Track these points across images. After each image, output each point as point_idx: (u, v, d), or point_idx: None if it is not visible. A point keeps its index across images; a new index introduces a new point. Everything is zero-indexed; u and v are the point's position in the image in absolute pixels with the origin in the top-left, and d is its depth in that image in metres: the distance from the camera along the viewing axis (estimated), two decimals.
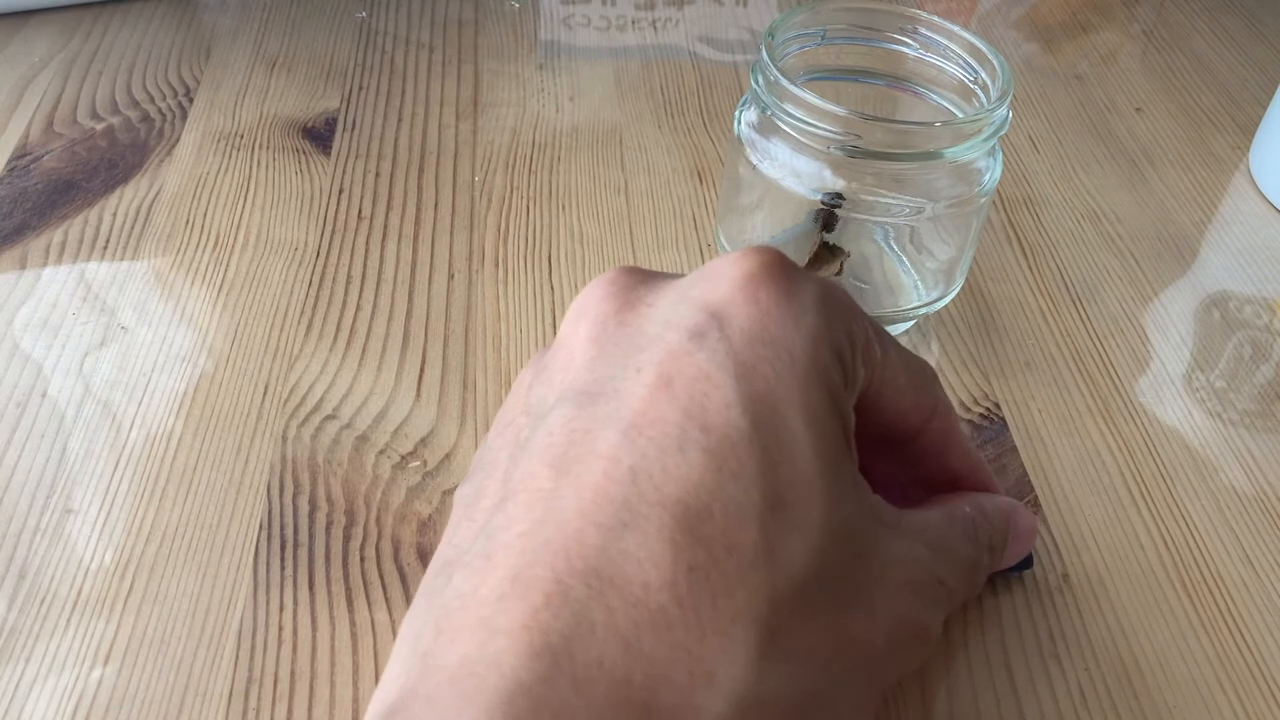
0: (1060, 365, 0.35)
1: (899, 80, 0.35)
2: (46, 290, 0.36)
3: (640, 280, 0.23)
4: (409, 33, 0.50)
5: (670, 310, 0.21)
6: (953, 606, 0.24)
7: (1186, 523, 0.31)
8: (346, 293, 0.36)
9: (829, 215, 0.32)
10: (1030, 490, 0.31)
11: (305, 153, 0.42)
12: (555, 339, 0.23)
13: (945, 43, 0.34)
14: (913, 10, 0.34)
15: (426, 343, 0.35)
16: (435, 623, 0.19)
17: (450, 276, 0.37)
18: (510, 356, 0.34)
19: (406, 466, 0.31)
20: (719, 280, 0.21)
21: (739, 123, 0.34)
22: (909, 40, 0.34)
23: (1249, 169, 0.45)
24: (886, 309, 0.34)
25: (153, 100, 0.45)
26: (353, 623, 0.27)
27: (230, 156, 0.42)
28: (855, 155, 0.30)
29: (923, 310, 0.35)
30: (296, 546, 0.28)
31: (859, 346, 0.22)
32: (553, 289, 0.37)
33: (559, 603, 0.18)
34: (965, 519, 0.24)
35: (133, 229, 0.38)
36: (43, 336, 0.34)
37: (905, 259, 0.35)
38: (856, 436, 0.22)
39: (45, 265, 0.36)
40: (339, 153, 0.42)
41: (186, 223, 0.39)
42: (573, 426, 0.20)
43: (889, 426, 0.24)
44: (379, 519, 0.29)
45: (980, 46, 0.33)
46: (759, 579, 0.18)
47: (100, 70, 0.46)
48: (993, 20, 0.55)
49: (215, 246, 0.38)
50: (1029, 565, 0.29)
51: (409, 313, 0.36)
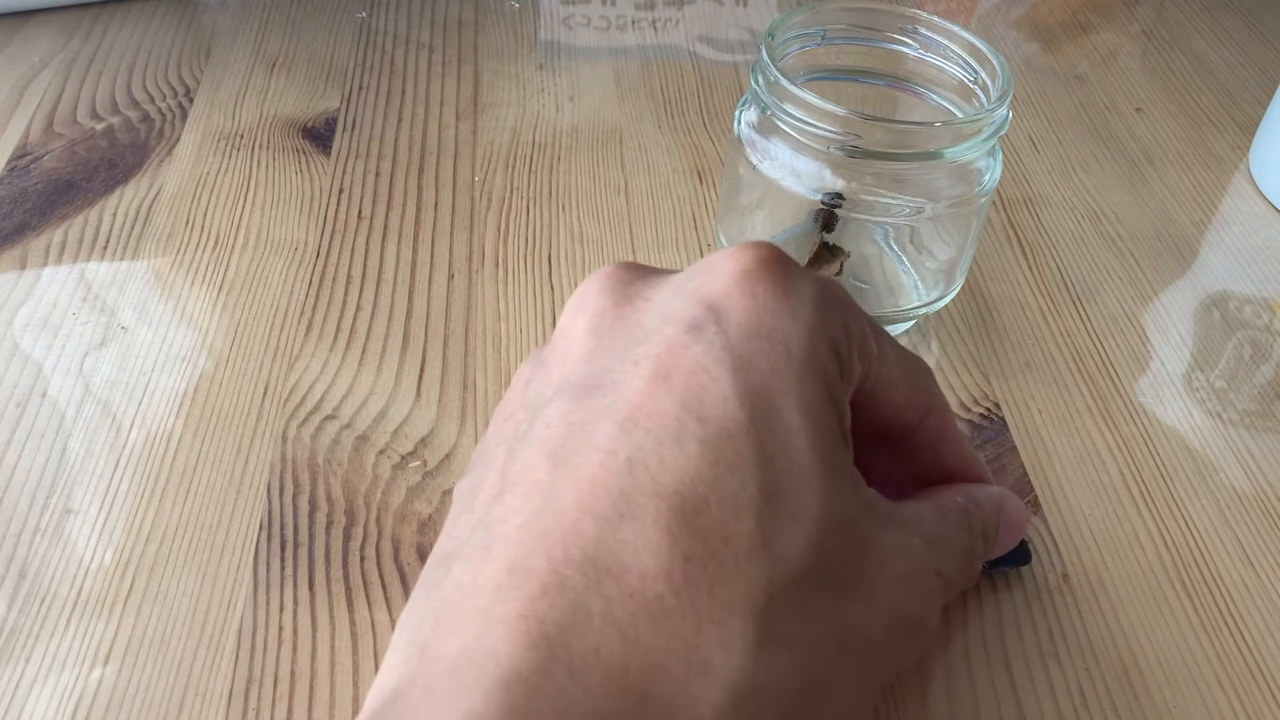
0: (1060, 365, 0.35)
1: (899, 80, 0.35)
2: (46, 290, 0.36)
3: (638, 275, 0.23)
4: (409, 33, 0.50)
5: (668, 304, 0.21)
6: (949, 596, 0.24)
7: (1186, 523, 0.31)
8: (346, 293, 0.36)
9: (829, 215, 0.32)
10: (1030, 490, 0.31)
11: (305, 153, 0.42)
12: (553, 333, 0.23)
13: (945, 43, 0.34)
14: (913, 10, 0.34)
15: (426, 343, 0.35)
16: (433, 614, 0.19)
17: (450, 276, 0.37)
18: (510, 356, 0.34)
19: (406, 466, 0.31)
20: (716, 274, 0.21)
21: (739, 123, 0.34)
22: (909, 40, 0.34)
23: (1249, 169, 0.45)
24: (886, 309, 0.34)
25: (153, 100, 0.45)
26: (353, 623, 0.27)
27: (230, 156, 0.42)
28: (855, 155, 0.30)
29: (923, 310, 0.35)
30: (296, 546, 0.28)
31: (855, 341, 0.22)
32: (553, 289, 0.37)
33: (556, 592, 0.18)
34: (958, 509, 0.24)
35: (133, 229, 0.38)
36: (43, 336, 0.34)
37: (905, 259, 0.35)
38: (853, 433, 0.22)
39: (45, 265, 0.36)
40: (339, 153, 0.42)
41: (186, 223, 0.39)
42: (570, 419, 0.20)
43: (885, 423, 0.24)
44: (379, 519, 0.29)
45: (980, 46, 0.33)
46: (755, 569, 0.19)
47: (100, 70, 0.46)
48: (993, 20, 0.55)
49: (215, 246, 0.38)
50: (1028, 560, 0.29)
51: (409, 313, 0.36)
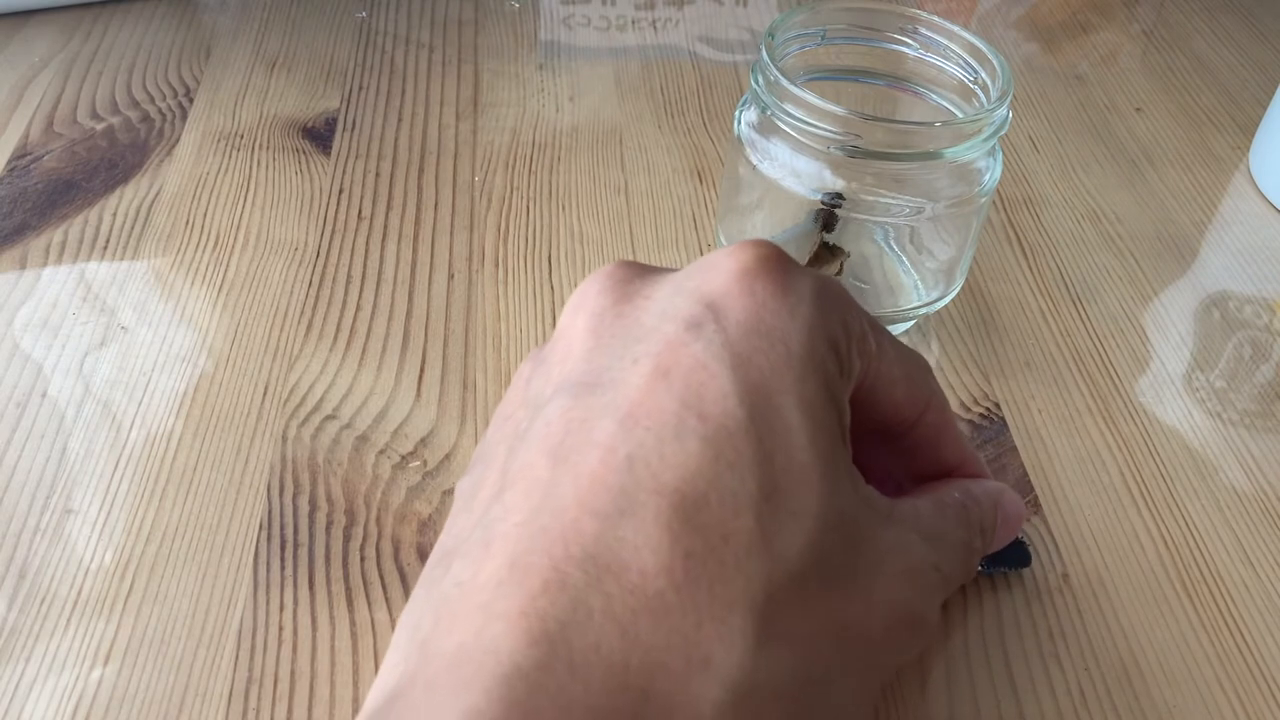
0: (1060, 365, 0.35)
1: (899, 80, 0.35)
2: (46, 290, 0.36)
3: (638, 273, 0.23)
4: (409, 33, 0.50)
5: (667, 302, 0.21)
6: (948, 592, 0.24)
7: (1186, 523, 0.31)
8: (346, 293, 0.36)
9: (829, 215, 0.32)
10: (1030, 490, 0.31)
11: (305, 153, 0.42)
12: (554, 332, 0.23)
13: (945, 43, 0.34)
14: (913, 10, 0.34)
15: (426, 343, 0.35)
16: (434, 611, 0.19)
17: (450, 276, 0.37)
18: (510, 356, 0.34)
19: (406, 466, 0.31)
20: (715, 272, 0.21)
21: (739, 123, 0.34)
22: (909, 40, 0.34)
23: (1249, 169, 0.45)
24: (886, 309, 0.34)
25: (153, 100, 0.45)
26: (353, 623, 0.27)
27: (230, 156, 0.42)
28: (855, 155, 0.30)
29: (923, 310, 0.35)
30: (296, 546, 0.28)
31: (854, 338, 0.22)
32: (553, 289, 0.37)
33: (556, 589, 0.18)
34: (955, 504, 0.24)
35: (133, 229, 0.38)
36: (43, 336, 0.34)
37: (905, 259, 0.35)
38: (852, 430, 0.22)
39: (45, 265, 0.36)
40: (339, 153, 0.42)
41: (186, 223, 0.39)
42: (570, 416, 0.20)
43: (884, 419, 0.24)
44: (379, 519, 0.29)
45: (980, 46, 0.33)
46: (755, 566, 0.19)
47: (100, 70, 0.46)
48: (993, 20, 0.55)
49: (215, 246, 0.38)
50: (1028, 563, 0.29)
51: (409, 313, 0.36)
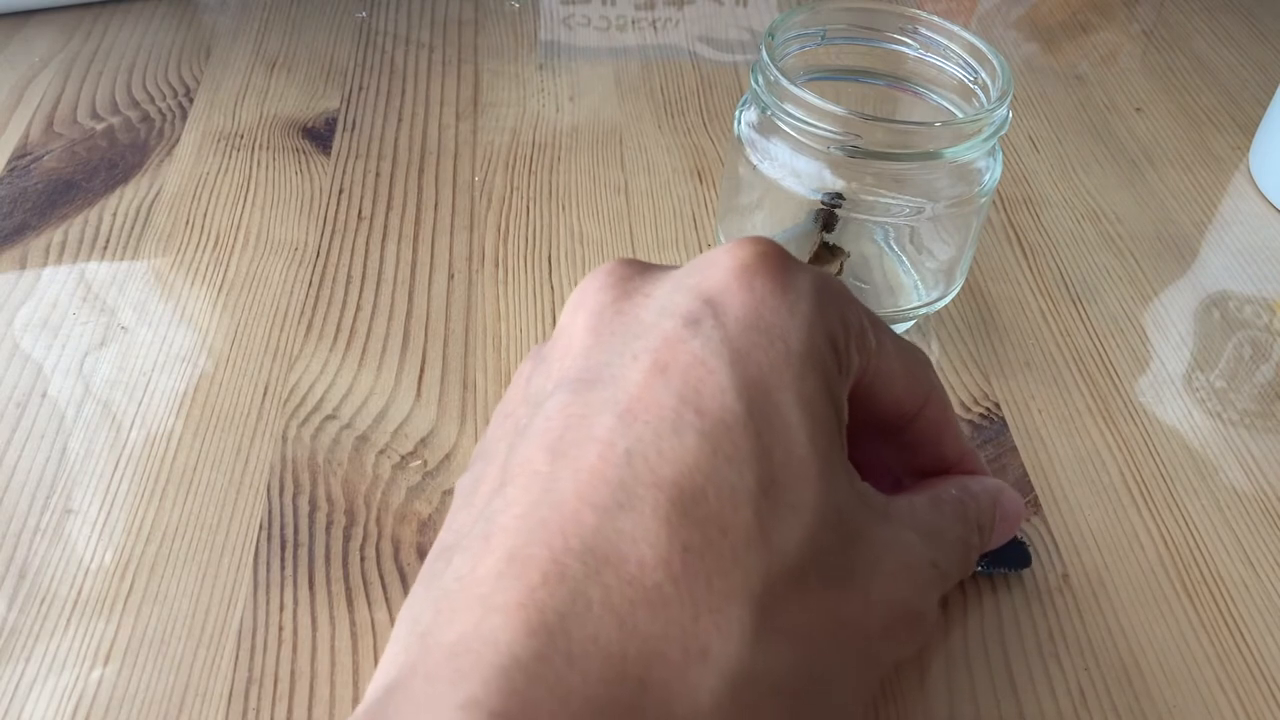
0: (1060, 365, 0.35)
1: (899, 80, 0.35)
2: (46, 290, 0.36)
3: (638, 271, 0.23)
4: (409, 33, 0.50)
5: (667, 299, 0.21)
6: (946, 588, 0.24)
7: (1186, 523, 0.31)
8: (346, 293, 0.36)
9: (829, 215, 0.32)
10: (1030, 490, 0.31)
11: (305, 153, 0.42)
12: (554, 330, 0.23)
13: (945, 43, 0.34)
14: (913, 10, 0.34)
15: (426, 343, 0.35)
16: (433, 603, 0.19)
17: (450, 276, 0.37)
18: (510, 356, 0.34)
19: (406, 466, 0.31)
20: (714, 269, 0.21)
21: (739, 123, 0.34)
22: (909, 40, 0.34)
23: (1249, 169, 0.45)
24: (886, 309, 0.34)
25: (153, 100, 0.45)
26: (353, 623, 0.27)
27: (230, 156, 0.42)
28: (855, 155, 0.30)
29: (923, 310, 0.35)
30: (296, 546, 0.28)
31: (853, 334, 0.22)
32: (553, 289, 0.37)
33: (555, 581, 0.18)
34: (953, 501, 0.25)
35: (133, 229, 0.38)
36: (43, 336, 0.34)
37: (905, 259, 0.35)
38: (852, 425, 0.22)
39: (45, 265, 0.36)
40: (339, 153, 0.42)
41: (186, 223, 0.39)
42: (569, 412, 0.20)
43: (884, 414, 0.24)
44: (379, 519, 0.29)
45: (980, 46, 0.33)
46: (753, 560, 0.19)
47: (100, 70, 0.46)
48: (993, 20, 0.55)
49: (215, 246, 0.38)
50: (1028, 563, 0.29)
51: (409, 313, 0.36)
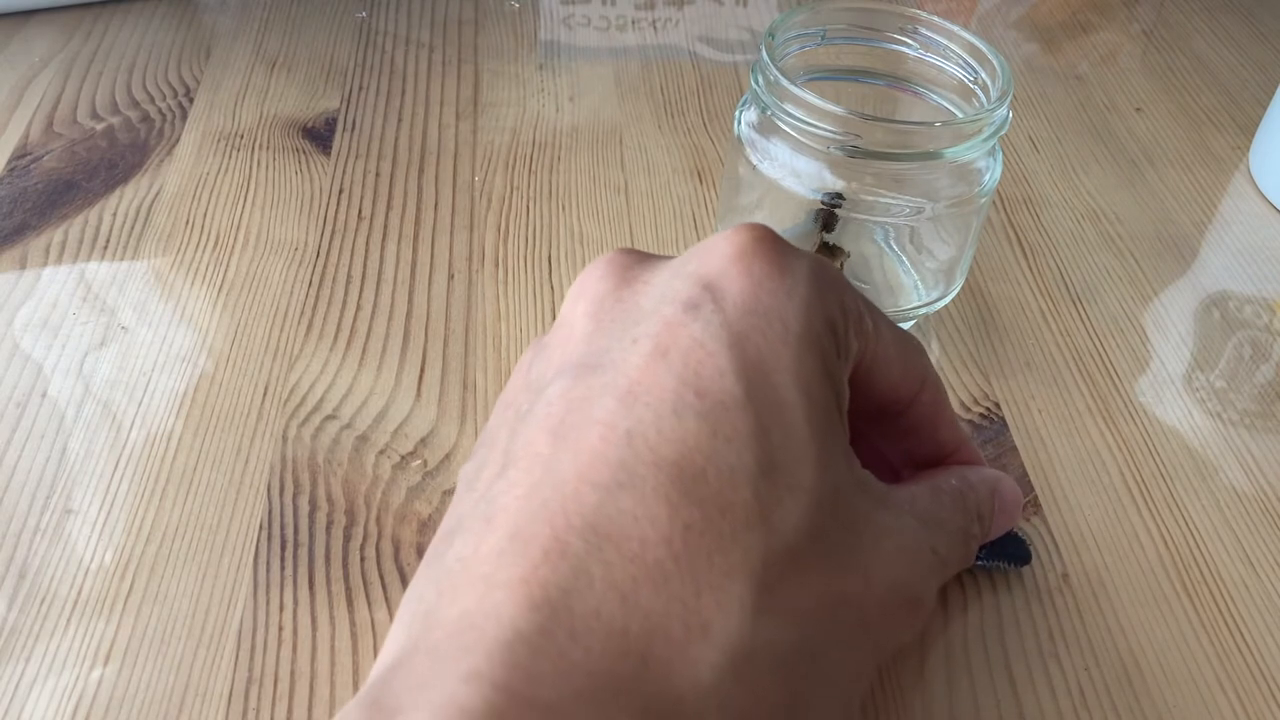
0: (1060, 365, 0.35)
1: (899, 80, 0.35)
2: (46, 290, 0.36)
3: (637, 260, 0.23)
4: (409, 33, 0.50)
5: (666, 285, 0.22)
6: (946, 576, 0.24)
7: (1186, 523, 0.31)
8: (346, 293, 0.36)
9: (829, 215, 0.32)
10: (1030, 490, 0.31)
11: (305, 153, 0.42)
12: (555, 320, 0.23)
13: (945, 43, 0.34)
14: (913, 10, 0.34)
15: (426, 343, 0.35)
16: (436, 583, 0.19)
17: (450, 276, 0.37)
18: (510, 356, 0.34)
19: (406, 466, 0.31)
20: (713, 255, 0.22)
21: (739, 123, 0.34)
22: (909, 40, 0.34)
23: (1249, 169, 0.45)
24: (887, 309, 0.34)
25: (153, 100, 0.45)
26: (353, 623, 0.27)
27: (230, 156, 0.42)
28: (855, 155, 0.30)
29: (923, 310, 0.35)
30: (296, 546, 0.28)
31: (851, 318, 0.22)
32: (553, 289, 0.37)
33: (557, 558, 0.18)
34: (952, 490, 0.25)
35: (133, 229, 0.38)
36: (43, 336, 0.34)
37: (905, 259, 0.35)
38: (851, 411, 0.23)
39: (45, 265, 0.36)
40: (339, 153, 0.42)
41: (186, 223, 0.39)
42: (571, 396, 0.20)
43: (881, 399, 0.24)
44: (379, 519, 0.29)
45: (980, 46, 0.33)
46: (753, 538, 0.19)
47: (100, 70, 0.46)
48: (993, 20, 0.55)
49: (215, 246, 0.38)
50: (1028, 560, 0.29)
51: (409, 313, 0.36)
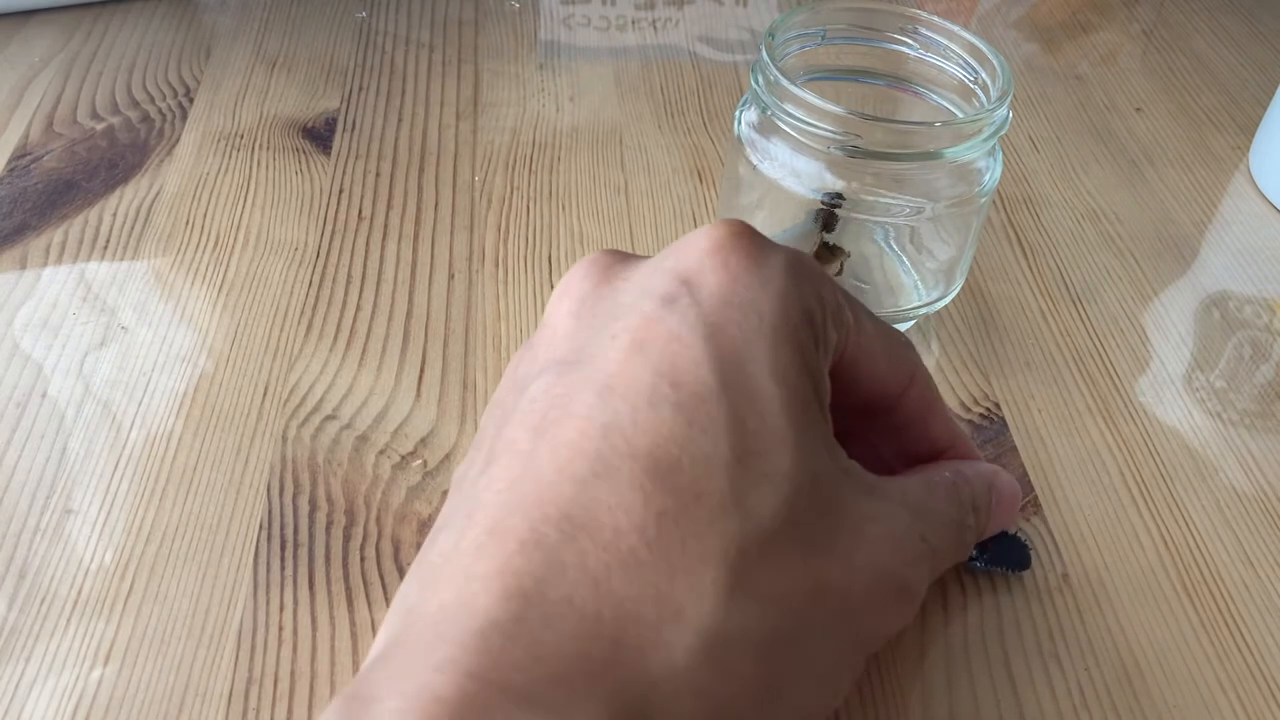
0: (1060, 365, 0.35)
1: (899, 80, 0.35)
2: (46, 290, 0.36)
3: (618, 259, 0.24)
4: (409, 33, 0.50)
5: (645, 281, 0.22)
6: (938, 566, 0.24)
7: (1186, 523, 0.31)
8: (346, 293, 0.36)
9: (829, 215, 0.32)
10: (1030, 490, 0.31)
11: (305, 153, 0.42)
12: (541, 320, 0.24)
13: (945, 43, 0.34)
14: (913, 10, 0.34)
15: (426, 343, 0.35)
16: (419, 581, 0.19)
17: (450, 276, 0.37)
18: (510, 356, 0.34)
19: (407, 466, 0.31)
20: (689, 250, 0.22)
21: (739, 123, 0.34)
22: (909, 40, 0.34)
23: (1249, 169, 0.45)
24: (886, 309, 0.34)
25: (153, 100, 0.45)
26: (353, 623, 0.27)
27: (230, 156, 0.42)
28: (855, 155, 0.30)
29: (923, 310, 0.35)
30: (296, 546, 0.28)
31: (829, 310, 0.23)
32: (553, 289, 0.37)
33: (532, 548, 0.18)
34: (945, 482, 0.25)
35: (133, 229, 0.38)
36: (43, 336, 0.34)
37: (905, 259, 0.35)
38: (839, 406, 0.23)
39: (45, 265, 0.36)
40: (339, 153, 0.42)
41: (186, 223, 0.39)
42: (552, 393, 0.21)
43: (868, 393, 0.24)
44: (379, 519, 0.29)
45: (980, 46, 0.33)
46: (726, 524, 0.19)
47: (100, 70, 0.46)
48: (993, 20, 0.55)
49: (215, 246, 0.38)
50: (1028, 565, 0.29)
51: (409, 313, 0.36)
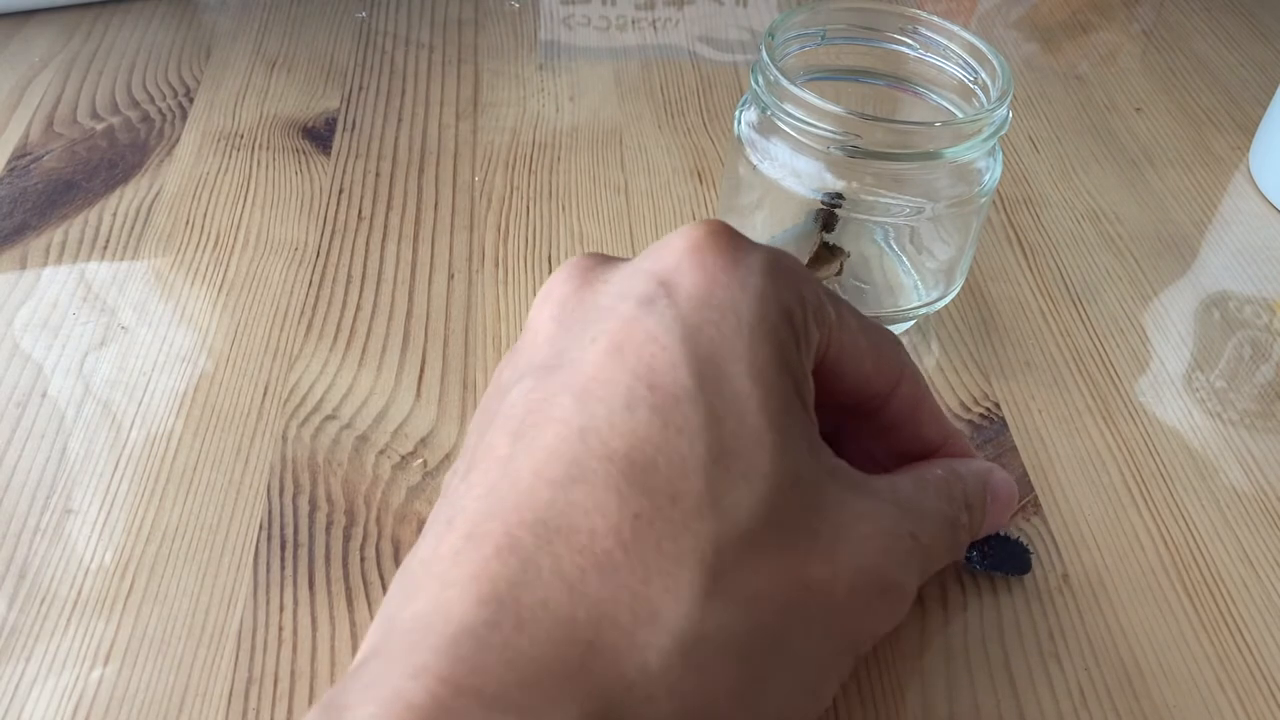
0: (1060, 365, 0.35)
1: (899, 80, 0.35)
2: (46, 290, 0.36)
3: (599, 262, 0.24)
4: (409, 33, 0.50)
5: (624, 283, 0.22)
6: (930, 564, 0.24)
7: (1186, 523, 0.31)
8: (346, 293, 0.36)
9: (829, 215, 0.32)
10: (1030, 490, 0.31)
11: (305, 153, 0.42)
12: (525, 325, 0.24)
13: (945, 43, 0.34)
14: (913, 10, 0.34)
15: (426, 343, 0.35)
16: (400, 587, 0.20)
17: (450, 276, 0.37)
18: None
19: (407, 466, 0.31)
20: (668, 251, 0.22)
21: (739, 123, 0.34)
22: (909, 40, 0.34)
23: (1249, 169, 0.45)
24: (886, 309, 0.34)
25: (153, 100, 0.45)
26: (353, 623, 0.27)
27: (230, 156, 0.42)
28: (855, 155, 0.30)
29: (923, 310, 0.35)
30: (296, 546, 0.28)
31: (810, 308, 0.22)
32: None
33: (507, 552, 0.18)
34: (937, 479, 0.25)
35: (133, 229, 0.38)
36: (43, 336, 0.34)
37: (905, 259, 0.35)
38: (827, 405, 0.23)
39: (45, 265, 0.36)
40: (339, 153, 0.42)
41: (186, 223, 0.39)
42: (531, 398, 0.21)
43: (857, 392, 0.24)
44: (379, 519, 0.29)
45: (980, 46, 0.33)
46: (703, 525, 0.19)
47: (100, 70, 0.46)
48: (993, 20, 0.55)
49: (215, 246, 0.38)
50: (1028, 569, 0.29)
51: (409, 313, 0.36)
